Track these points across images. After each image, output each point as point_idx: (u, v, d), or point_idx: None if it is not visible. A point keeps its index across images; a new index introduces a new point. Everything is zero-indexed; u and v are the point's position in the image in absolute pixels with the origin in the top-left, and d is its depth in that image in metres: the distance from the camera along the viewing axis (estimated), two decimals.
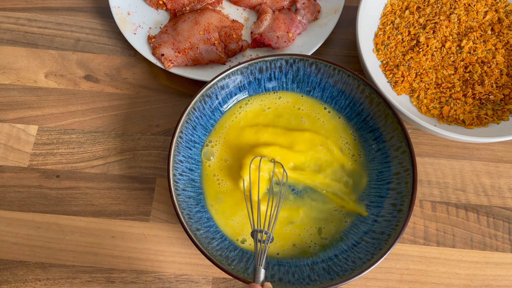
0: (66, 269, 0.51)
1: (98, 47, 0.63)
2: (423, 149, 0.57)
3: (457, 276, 0.51)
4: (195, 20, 0.59)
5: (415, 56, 0.56)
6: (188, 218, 0.45)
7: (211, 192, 0.50)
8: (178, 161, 0.48)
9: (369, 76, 0.52)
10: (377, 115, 0.50)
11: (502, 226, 0.53)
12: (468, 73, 0.55)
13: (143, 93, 0.60)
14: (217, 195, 0.50)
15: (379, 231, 0.46)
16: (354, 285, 0.51)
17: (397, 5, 0.59)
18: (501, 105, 0.54)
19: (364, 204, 0.49)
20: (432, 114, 0.54)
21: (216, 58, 0.58)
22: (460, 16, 0.57)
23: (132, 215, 0.54)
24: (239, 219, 0.49)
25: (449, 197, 0.55)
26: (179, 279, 0.51)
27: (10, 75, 0.61)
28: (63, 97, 0.60)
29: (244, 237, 0.48)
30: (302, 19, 0.60)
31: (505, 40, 0.56)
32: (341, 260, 0.45)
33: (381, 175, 0.49)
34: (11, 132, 0.58)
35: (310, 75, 0.52)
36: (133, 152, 0.57)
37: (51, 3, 0.66)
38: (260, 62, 0.51)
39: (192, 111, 0.50)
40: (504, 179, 0.56)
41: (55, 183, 0.55)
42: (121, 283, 0.51)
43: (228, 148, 0.51)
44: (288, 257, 0.47)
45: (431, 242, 0.53)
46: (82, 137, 0.58)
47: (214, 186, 0.50)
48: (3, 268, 0.51)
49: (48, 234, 0.53)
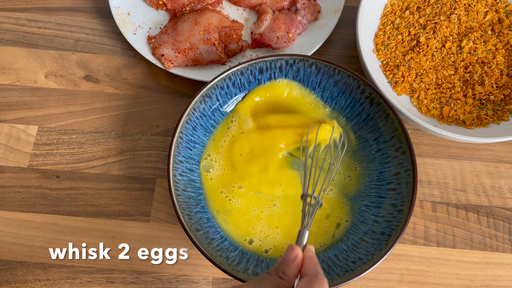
0: (66, 269, 0.51)
1: (98, 48, 0.63)
2: (423, 149, 0.57)
3: (457, 276, 0.51)
4: (195, 20, 0.59)
5: (415, 57, 0.55)
6: (188, 218, 0.45)
7: (217, 204, 0.50)
8: (178, 161, 0.48)
9: (369, 76, 0.52)
10: (377, 115, 0.50)
11: (502, 227, 0.53)
12: (468, 73, 0.55)
13: (143, 93, 0.60)
14: (224, 208, 0.49)
15: (379, 232, 0.46)
16: (354, 285, 0.51)
17: (397, 5, 0.59)
18: (501, 106, 0.54)
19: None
20: (432, 115, 0.54)
21: (216, 59, 0.58)
22: (460, 16, 0.57)
23: (132, 216, 0.54)
24: (247, 223, 0.49)
25: (449, 197, 0.55)
26: (179, 280, 0.51)
27: (10, 76, 0.61)
28: (63, 97, 0.60)
29: (252, 238, 0.48)
30: (302, 19, 0.60)
31: (505, 40, 0.56)
32: (341, 261, 0.45)
33: (381, 175, 0.49)
34: (11, 132, 0.58)
35: (310, 75, 0.52)
36: (133, 153, 0.57)
37: (51, 3, 0.66)
38: (260, 62, 0.51)
39: (192, 111, 0.49)
40: (504, 180, 0.56)
41: (55, 184, 0.55)
42: (121, 283, 0.51)
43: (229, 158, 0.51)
44: None
45: (431, 243, 0.53)
46: (82, 137, 0.58)
47: (221, 200, 0.50)
48: (3, 269, 0.51)
49: (48, 235, 0.53)
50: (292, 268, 0.33)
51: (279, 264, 0.34)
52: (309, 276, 0.32)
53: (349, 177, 0.51)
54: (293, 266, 0.33)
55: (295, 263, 0.34)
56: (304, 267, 0.34)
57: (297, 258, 0.34)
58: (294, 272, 0.33)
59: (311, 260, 0.34)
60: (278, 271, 0.33)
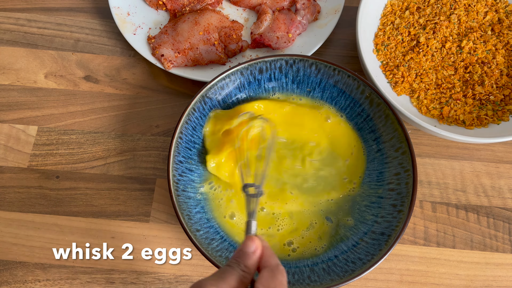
0: (65, 269, 0.51)
1: (98, 48, 0.63)
2: (423, 149, 0.57)
3: (457, 276, 0.51)
4: (195, 20, 0.59)
5: (415, 57, 0.55)
6: (188, 218, 0.45)
7: (218, 215, 0.50)
8: (178, 161, 0.48)
9: (369, 76, 0.52)
10: (377, 115, 0.50)
11: (502, 227, 0.53)
12: (468, 73, 0.55)
13: (143, 93, 0.60)
14: (225, 213, 0.50)
15: (379, 232, 0.46)
16: (354, 285, 0.51)
17: (397, 5, 0.59)
18: (501, 106, 0.54)
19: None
20: (432, 115, 0.54)
21: (216, 59, 0.58)
22: (460, 17, 0.57)
23: (132, 216, 0.54)
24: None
25: (449, 197, 0.55)
26: (179, 280, 0.51)
27: (9, 76, 0.61)
28: (62, 97, 0.60)
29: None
30: (302, 20, 0.60)
31: (505, 40, 0.56)
32: (341, 261, 0.45)
33: (381, 175, 0.49)
34: (10, 132, 0.58)
35: (310, 75, 0.52)
36: (133, 153, 0.57)
37: (51, 4, 0.66)
38: (260, 62, 0.51)
39: (192, 111, 0.49)
40: (504, 180, 0.56)
41: (54, 184, 0.55)
42: (121, 283, 0.51)
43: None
44: (288, 258, 0.47)
45: (431, 243, 0.53)
46: (81, 137, 0.58)
47: (220, 209, 0.50)
48: (2, 269, 0.51)
49: (48, 235, 0.53)
50: (253, 259, 0.33)
51: (239, 256, 0.33)
52: (270, 267, 0.32)
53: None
54: (254, 258, 0.33)
55: (256, 254, 0.33)
56: (262, 258, 0.34)
57: (257, 249, 0.34)
58: (255, 264, 0.33)
59: (268, 250, 0.34)
60: (239, 264, 0.33)
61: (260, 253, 0.34)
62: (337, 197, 0.50)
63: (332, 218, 0.49)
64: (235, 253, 0.34)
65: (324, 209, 0.50)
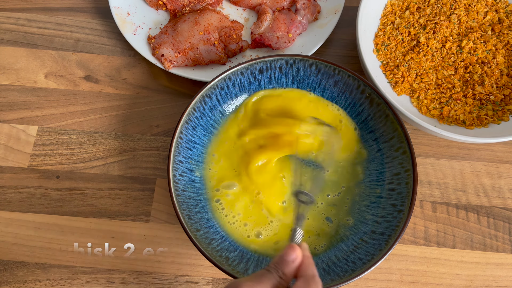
0: (66, 269, 0.51)
1: (98, 48, 0.63)
2: (423, 149, 0.57)
3: (458, 276, 0.51)
4: (195, 20, 0.59)
5: (415, 57, 0.55)
6: (188, 218, 0.45)
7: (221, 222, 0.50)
8: (178, 161, 0.48)
9: (369, 76, 0.52)
10: (377, 115, 0.50)
11: (502, 227, 0.53)
12: (469, 73, 0.55)
13: (143, 93, 0.60)
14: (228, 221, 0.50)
15: (379, 232, 0.46)
16: (354, 285, 0.51)
17: (397, 5, 0.59)
18: (501, 106, 0.54)
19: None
20: (432, 115, 0.54)
21: (216, 59, 0.58)
22: (460, 17, 0.57)
23: (132, 216, 0.54)
24: (254, 218, 0.49)
25: (450, 197, 0.55)
26: (179, 280, 0.51)
27: (10, 76, 0.61)
28: (63, 97, 0.60)
29: (260, 230, 0.48)
30: (302, 20, 0.60)
31: (505, 40, 0.56)
32: (341, 261, 0.45)
33: (381, 175, 0.49)
34: (11, 132, 0.58)
35: (310, 75, 0.52)
36: (133, 153, 0.57)
37: (51, 3, 0.66)
38: (260, 62, 0.51)
39: (192, 111, 0.49)
40: (504, 180, 0.56)
41: (55, 184, 0.55)
42: (121, 283, 0.51)
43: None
44: None
45: (431, 243, 0.53)
46: (82, 137, 0.58)
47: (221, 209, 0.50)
48: (2, 269, 0.51)
49: (48, 235, 0.53)
50: (292, 268, 0.34)
51: (279, 263, 0.34)
52: (306, 277, 0.33)
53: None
54: (293, 266, 0.34)
55: (295, 263, 0.34)
56: (301, 267, 0.34)
57: (297, 259, 0.34)
58: (293, 272, 0.34)
59: (308, 260, 0.35)
60: (278, 270, 0.33)
61: (299, 262, 0.34)
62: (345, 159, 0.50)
63: (332, 218, 0.49)
64: (276, 258, 0.35)
65: (325, 209, 0.50)
